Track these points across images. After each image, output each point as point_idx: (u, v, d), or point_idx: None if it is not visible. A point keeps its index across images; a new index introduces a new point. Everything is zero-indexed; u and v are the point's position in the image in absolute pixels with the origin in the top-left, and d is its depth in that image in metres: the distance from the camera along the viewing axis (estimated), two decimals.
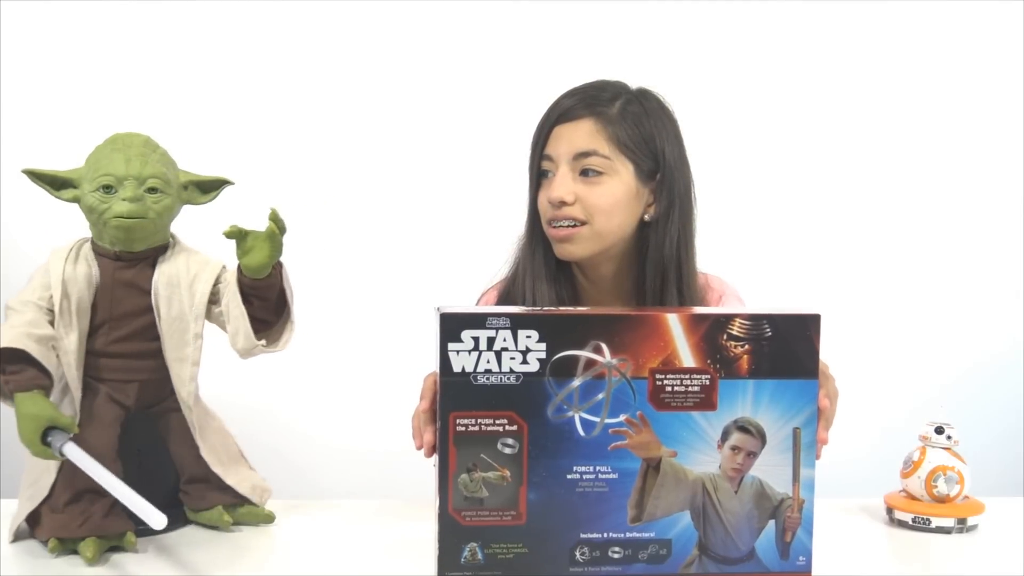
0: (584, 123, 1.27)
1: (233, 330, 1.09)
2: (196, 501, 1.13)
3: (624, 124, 1.27)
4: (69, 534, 1.03)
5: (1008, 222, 2.27)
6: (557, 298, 1.33)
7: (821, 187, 2.20)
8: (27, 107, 2.06)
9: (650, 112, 1.29)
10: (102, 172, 1.06)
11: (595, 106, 1.28)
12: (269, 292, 1.09)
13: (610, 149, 1.26)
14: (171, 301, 1.10)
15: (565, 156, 1.27)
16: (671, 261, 1.29)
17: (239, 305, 1.07)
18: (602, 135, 1.26)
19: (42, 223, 2.02)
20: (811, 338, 0.96)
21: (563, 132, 1.28)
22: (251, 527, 1.15)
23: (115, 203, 1.05)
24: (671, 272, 1.29)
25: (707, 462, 0.96)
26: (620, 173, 1.27)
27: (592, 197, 1.26)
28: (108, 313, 1.09)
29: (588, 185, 1.26)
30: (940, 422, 1.22)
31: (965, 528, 1.17)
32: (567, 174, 1.27)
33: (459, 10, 2.13)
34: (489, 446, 0.93)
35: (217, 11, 2.09)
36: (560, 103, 1.30)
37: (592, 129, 1.27)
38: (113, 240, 1.08)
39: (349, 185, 2.12)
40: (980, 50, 2.22)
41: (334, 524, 1.17)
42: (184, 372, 1.10)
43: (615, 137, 1.26)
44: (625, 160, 1.27)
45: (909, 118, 2.22)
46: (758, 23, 2.17)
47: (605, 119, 1.27)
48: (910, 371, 2.22)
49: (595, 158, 1.26)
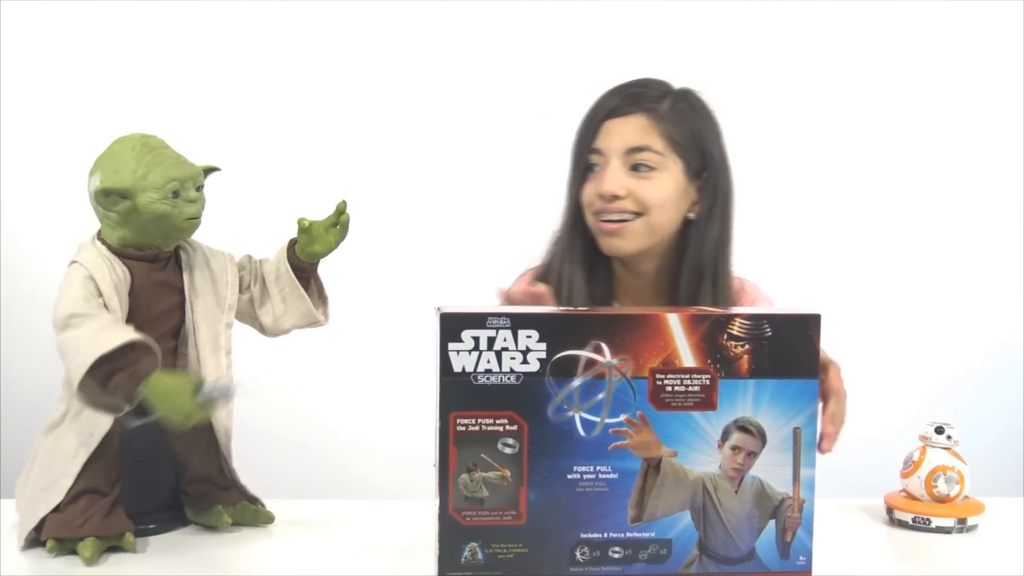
0: (636, 119, 1.29)
1: (282, 311, 1.14)
2: (196, 501, 1.13)
3: (675, 121, 1.29)
4: (69, 534, 1.02)
5: (1008, 222, 2.27)
6: (591, 293, 1.34)
7: (821, 188, 2.21)
8: (27, 107, 2.06)
9: (697, 110, 1.31)
10: (168, 178, 1.04)
11: (644, 102, 1.29)
12: (311, 273, 1.16)
13: (662, 145, 1.28)
14: (204, 295, 1.11)
15: (617, 150, 1.28)
16: (709, 261, 1.30)
17: (297, 287, 1.13)
18: (654, 131, 1.28)
19: (42, 221, 2.03)
20: (811, 338, 0.96)
21: (614, 127, 1.29)
22: (250, 527, 1.15)
23: (183, 206, 1.06)
24: (707, 272, 1.30)
25: (707, 462, 0.96)
26: (671, 169, 1.28)
27: (645, 192, 1.27)
28: (147, 315, 1.07)
29: (640, 180, 1.27)
30: (940, 422, 1.22)
31: (965, 528, 1.17)
32: (619, 168, 1.28)
33: (459, 11, 2.13)
34: (489, 446, 0.93)
35: (217, 11, 2.09)
36: (608, 99, 1.32)
37: (644, 124, 1.28)
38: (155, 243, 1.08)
39: (349, 185, 2.11)
40: (980, 50, 2.22)
41: (334, 524, 1.17)
42: (221, 361, 1.12)
43: (667, 133, 1.28)
44: (676, 157, 1.28)
45: (910, 119, 2.22)
46: (754, 24, 2.17)
47: (657, 115, 1.28)
48: (910, 371, 2.22)
49: (648, 153, 1.27)
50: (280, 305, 1.15)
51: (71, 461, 1.03)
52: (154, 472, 1.13)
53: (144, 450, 1.12)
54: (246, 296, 1.16)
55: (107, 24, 2.06)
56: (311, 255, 1.13)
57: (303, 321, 1.16)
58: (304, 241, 1.12)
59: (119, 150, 1.06)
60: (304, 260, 1.13)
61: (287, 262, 1.13)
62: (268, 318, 1.15)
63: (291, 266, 1.13)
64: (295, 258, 1.13)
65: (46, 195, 1.96)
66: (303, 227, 1.11)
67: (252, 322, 1.17)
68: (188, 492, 1.14)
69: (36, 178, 1.98)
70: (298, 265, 1.14)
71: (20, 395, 2.07)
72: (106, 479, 1.05)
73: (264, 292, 1.15)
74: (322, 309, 1.18)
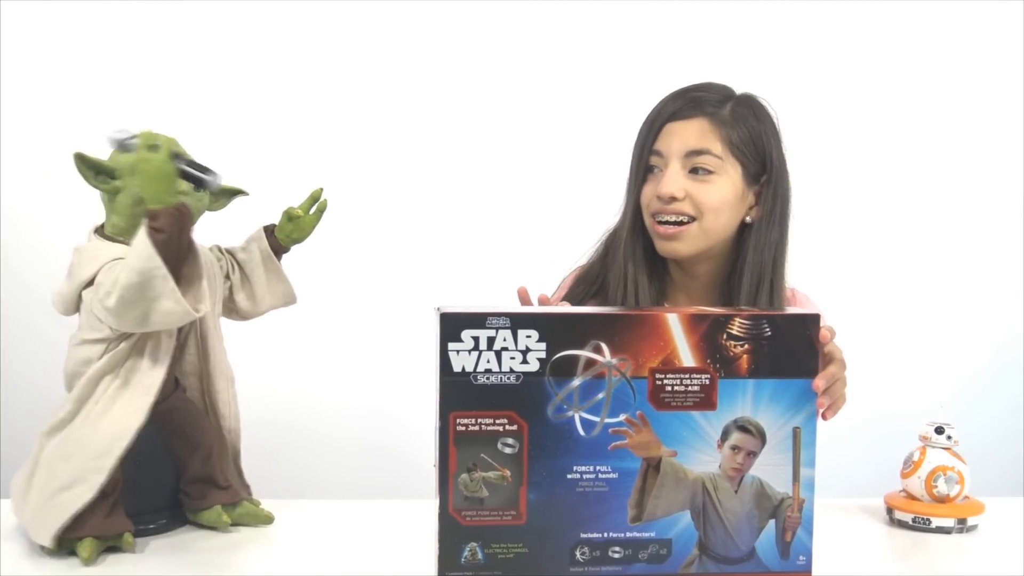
0: (697, 122, 1.30)
1: (261, 294, 1.20)
2: (196, 501, 1.13)
3: (736, 126, 1.30)
4: (68, 534, 1.02)
5: (1008, 222, 2.27)
6: (654, 292, 1.36)
7: (821, 188, 2.20)
8: (27, 107, 2.06)
9: (759, 116, 1.33)
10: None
11: (706, 106, 1.30)
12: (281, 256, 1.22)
13: (722, 149, 1.29)
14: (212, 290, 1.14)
15: (677, 153, 1.29)
16: (768, 265, 1.31)
17: (280, 270, 1.20)
18: (715, 135, 1.29)
19: (43, 221, 2.03)
20: (811, 338, 0.96)
21: (675, 129, 1.30)
22: (250, 527, 1.15)
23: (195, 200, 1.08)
24: (767, 276, 1.31)
25: (707, 462, 0.96)
26: (729, 173, 1.29)
27: (702, 194, 1.28)
28: None
29: (698, 183, 1.28)
30: (940, 422, 1.22)
31: (965, 528, 1.17)
32: (678, 171, 1.29)
33: (460, 12, 2.13)
34: (489, 446, 0.93)
35: (217, 11, 2.09)
36: (670, 102, 1.33)
37: (705, 128, 1.29)
38: None
39: (349, 185, 2.11)
40: (981, 50, 2.22)
41: (334, 524, 1.17)
42: (223, 348, 1.18)
43: (727, 138, 1.29)
44: (735, 161, 1.29)
45: (911, 121, 2.22)
46: (755, 25, 2.17)
47: (718, 120, 1.30)
48: (910, 371, 2.22)
49: (707, 157, 1.28)
50: (261, 289, 1.20)
51: (103, 457, 1.02)
52: (154, 473, 1.13)
53: (144, 451, 1.11)
54: (226, 285, 1.20)
55: (107, 17, 2.06)
56: (294, 241, 1.19)
57: (282, 301, 1.22)
58: (289, 229, 1.18)
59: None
60: (285, 245, 1.20)
61: (269, 248, 1.19)
62: (247, 303, 1.21)
63: (274, 251, 1.19)
64: (277, 243, 1.19)
65: (47, 195, 1.96)
66: (293, 215, 1.18)
67: (226, 310, 1.21)
68: (188, 492, 1.14)
69: (37, 178, 1.98)
70: (280, 250, 1.20)
71: (20, 395, 2.07)
72: (111, 479, 1.04)
73: (244, 278, 1.20)
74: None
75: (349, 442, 2.14)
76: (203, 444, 1.13)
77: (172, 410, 1.13)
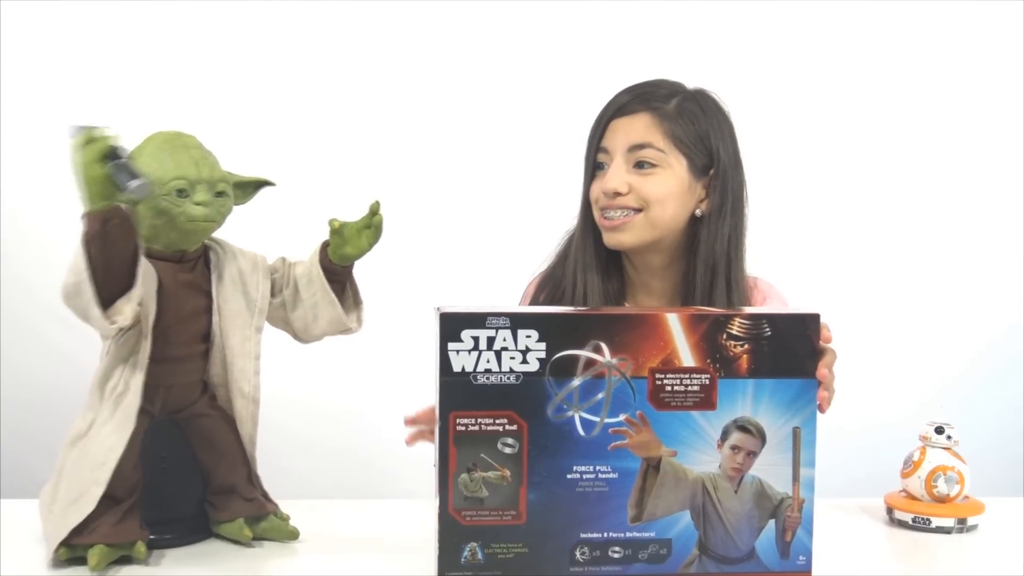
0: (640, 117, 1.31)
1: (312, 316, 1.11)
2: (219, 512, 1.09)
3: (680, 120, 1.31)
4: (78, 540, 0.98)
5: (1008, 222, 2.27)
6: (605, 291, 1.36)
7: (821, 187, 2.20)
8: (27, 107, 2.06)
9: (706, 111, 1.33)
10: (175, 175, 1.02)
11: (651, 101, 1.32)
12: (345, 277, 1.12)
13: (665, 143, 1.30)
14: (232, 299, 1.08)
15: (620, 148, 1.31)
16: (721, 258, 1.32)
17: (328, 292, 1.09)
18: (658, 129, 1.30)
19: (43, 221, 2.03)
20: (810, 337, 0.96)
21: (619, 126, 1.32)
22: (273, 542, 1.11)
23: (188, 207, 1.02)
24: (720, 269, 1.32)
25: (707, 462, 0.96)
26: (673, 166, 1.30)
27: (645, 187, 1.29)
28: (174, 316, 1.04)
29: (642, 176, 1.30)
30: (940, 422, 1.22)
31: (965, 528, 1.17)
32: (621, 165, 1.30)
33: (460, 13, 2.13)
34: (489, 446, 0.93)
35: (217, 11, 2.09)
36: (617, 98, 1.34)
37: (648, 123, 1.30)
38: (173, 242, 1.05)
39: (349, 185, 2.11)
40: (980, 50, 2.22)
41: (334, 524, 1.17)
42: (248, 366, 1.09)
43: (670, 132, 1.30)
44: (679, 155, 1.30)
45: (910, 118, 2.22)
46: (754, 24, 2.17)
47: (661, 114, 1.31)
48: (910, 371, 2.22)
49: (649, 150, 1.29)
50: (311, 311, 1.11)
51: (99, 469, 0.99)
52: (179, 480, 1.09)
53: (170, 456, 1.08)
54: (278, 300, 1.12)
55: (108, 17, 2.06)
56: (343, 257, 1.09)
57: (332, 328, 1.11)
58: (336, 243, 1.08)
59: (146, 142, 1.05)
60: (336, 263, 1.09)
61: (319, 265, 1.09)
62: (299, 323, 1.12)
63: (323, 269, 1.09)
64: (328, 261, 1.09)
65: (48, 195, 1.96)
66: (334, 228, 1.08)
67: (285, 327, 1.14)
68: (212, 503, 1.09)
69: (37, 178, 1.98)
70: (331, 268, 1.10)
71: (20, 395, 2.07)
72: (123, 485, 1.01)
73: (296, 296, 1.11)
74: (355, 315, 1.14)
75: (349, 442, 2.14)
76: (229, 453, 1.09)
77: (197, 416, 1.08)
